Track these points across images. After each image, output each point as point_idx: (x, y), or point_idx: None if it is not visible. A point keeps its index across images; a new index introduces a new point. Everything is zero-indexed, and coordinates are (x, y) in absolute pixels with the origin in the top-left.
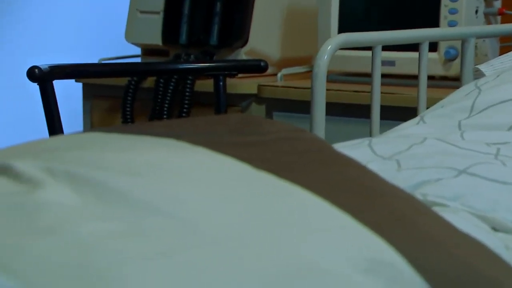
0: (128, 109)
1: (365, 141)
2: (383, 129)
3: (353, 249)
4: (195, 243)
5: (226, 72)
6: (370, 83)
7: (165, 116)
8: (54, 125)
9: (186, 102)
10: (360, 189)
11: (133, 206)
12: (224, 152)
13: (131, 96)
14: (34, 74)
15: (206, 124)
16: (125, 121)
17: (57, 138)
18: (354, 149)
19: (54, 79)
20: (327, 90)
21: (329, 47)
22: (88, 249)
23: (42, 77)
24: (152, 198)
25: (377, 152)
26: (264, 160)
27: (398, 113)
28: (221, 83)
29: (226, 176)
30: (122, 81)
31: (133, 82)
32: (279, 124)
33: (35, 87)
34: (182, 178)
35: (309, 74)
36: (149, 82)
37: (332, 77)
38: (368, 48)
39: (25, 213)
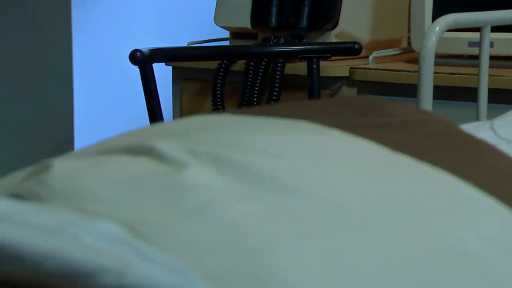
0: (218, 92)
1: (485, 124)
2: (488, 113)
3: (502, 233)
4: (343, 225)
5: (320, 55)
6: (467, 66)
7: (255, 100)
8: (154, 107)
9: (277, 85)
10: (499, 173)
11: (276, 187)
12: (359, 134)
13: (221, 80)
14: (136, 57)
15: (332, 106)
16: (215, 104)
17: (187, 121)
18: (476, 133)
19: (154, 62)
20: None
21: (437, 28)
22: (238, 229)
23: (143, 60)
24: (295, 180)
25: (501, 135)
26: (400, 143)
27: (502, 96)
28: (314, 66)
29: (364, 159)
30: (211, 64)
31: (223, 65)
32: (404, 106)
33: (120, 73)
34: (322, 160)
35: (399, 56)
36: (239, 65)
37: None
38: (471, 29)
39: (172, 193)
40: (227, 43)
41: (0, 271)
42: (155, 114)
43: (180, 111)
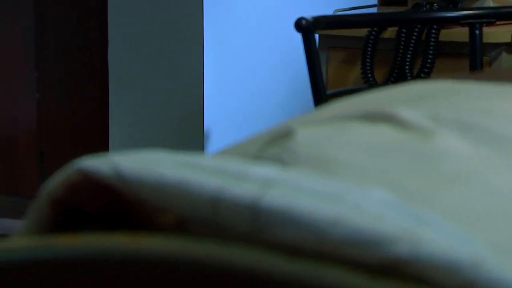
0: (368, 60)
1: None
2: None
3: None
4: None
5: (484, 20)
6: None
7: (407, 68)
8: (316, 76)
9: (431, 52)
10: None
11: None
12: None
13: (371, 48)
14: (301, 24)
15: None
16: (364, 73)
17: (411, 88)
18: None
19: (317, 30)
20: None
21: None
22: (508, 199)
23: (307, 28)
24: None
25: None
26: None
27: None
28: (477, 32)
29: None
30: (359, 32)
31: (373, 33)
32: None
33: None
34: None
35: None
36: (389, 32)
37: None
38: None
39: (424, 161)
40: (374, 10)
41: (278, 236)
42: (317, 83)
43: (326, 80)
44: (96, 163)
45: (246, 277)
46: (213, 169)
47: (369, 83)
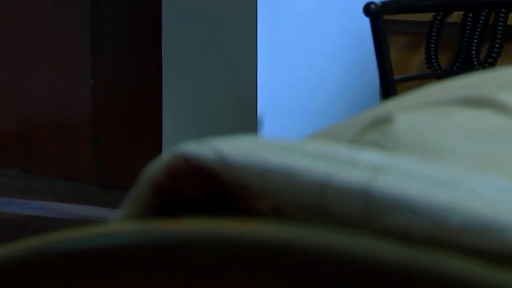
0: (432, 45)
1: None
2: None
3: None
4: None
5: None
6: None
7: (473, 53)
8: (384, 60)
9: (498, 37)
10: None
11: None
12: None
13: (436, 32)
14: (369, 8)
15: None
16: (428, 58)
17: (508, 71)
18: None
19: (386, 14)
20: None
21: None
22: None
23: (376, 12)
24: None
25: None
26: None
27: None
28: None
29: None
30: (423, 16)
31: (438, 17)
32: None
33: None
34: None
35: None
36: (455, 17)
37: None
38: None
39: None
40: None
41: (390, 223)
42: (385, 68)
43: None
44: (198, 149)
45: (362, 265)
46: (319, 155)
47: (433, 69)
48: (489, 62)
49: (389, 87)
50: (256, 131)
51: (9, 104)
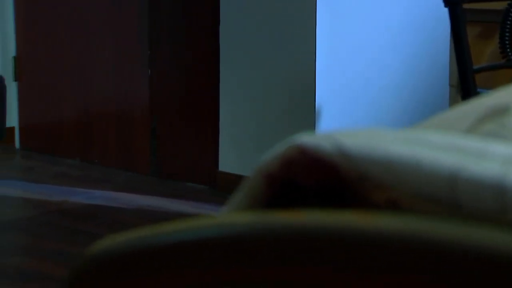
0: (507, 34)
1: None
2: None
3: None
4: None
5: None
6: None
7: None
8: (463, 49)
9: None
10: None
11: None
12: None
13: (511, 21)
14: None
15: None
16: (502, 47)
17: None
18: None
19: (464, 2)
20: None
21: None
22: None
23: (455, 2)
24: None
25: None
26: None
27: None
28: None
29: None
30: (497, 5)
31: None
32: None
33: None
34: None
35: None
36: None
37: None
38: None
39: None
40: None
41: None
42: (464, 58)
43: None
44: (316, 140)
45: (504, 261)
46: (446, 146)
47: (507, 58)
48: None
49: (467, 77)
50: (314, 122)
51: (69, 96)
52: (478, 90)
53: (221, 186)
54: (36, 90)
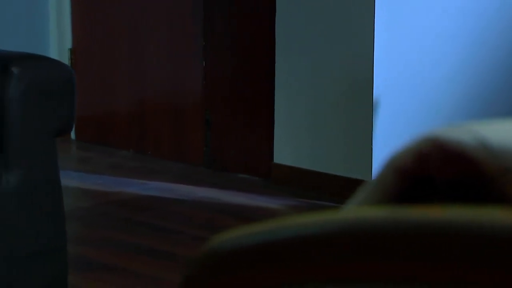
0: None
1: None
2: None
3: None
4: None
5: None
6: None
7: None
8: None
9: None
10: None
11: None
12: None
13: None
14: None
15: None
16: None
17: None
18: None
19: None
20: None
21: None
22: None
23: None
24: None
25: None
26: None
27: None
28: None
29: None
30: None
31: None
32: None
33: None
34: None
35: None
36: None
37: None
38: None
39: None
40: None
41: None
42: None
43: None
44: (456, 134)
45: None
46: None
47: None
48: None
49: None
50: (371, 114)
51: (123, 87)
52: None
53: (276, 178)
54: (91, 82)
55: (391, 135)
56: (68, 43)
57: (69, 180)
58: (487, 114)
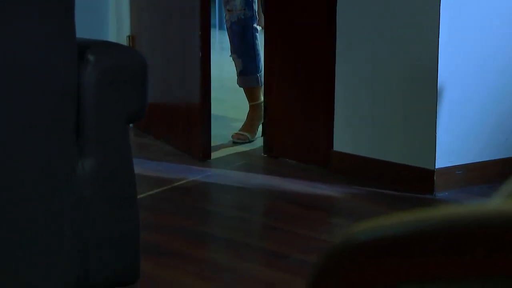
0: None
1: None
2: None
3: None
4: None
5: None
6: None
7: None
8: None
9: None
10: None
11: None
12: None
13: None
14: None
15: None
16: None
17: None
18: None
19: None
20: None
21: None
22: None
23: None
24: None
25: None
26: None
27: None
28: None
29: None
30: None
31: None
32: None
33: None
34: None
35: None
36: None
37: None
38: None
39: None
40: None
41: None
42: None
43: None
44: None
45: None
46: None
47: None
48: None
49: None
50: (436, 102)
51: (178, 77)
52: None
53: (335, 166)
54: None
55: (455, 123)
56: (126, 31)
57: None
58: None
